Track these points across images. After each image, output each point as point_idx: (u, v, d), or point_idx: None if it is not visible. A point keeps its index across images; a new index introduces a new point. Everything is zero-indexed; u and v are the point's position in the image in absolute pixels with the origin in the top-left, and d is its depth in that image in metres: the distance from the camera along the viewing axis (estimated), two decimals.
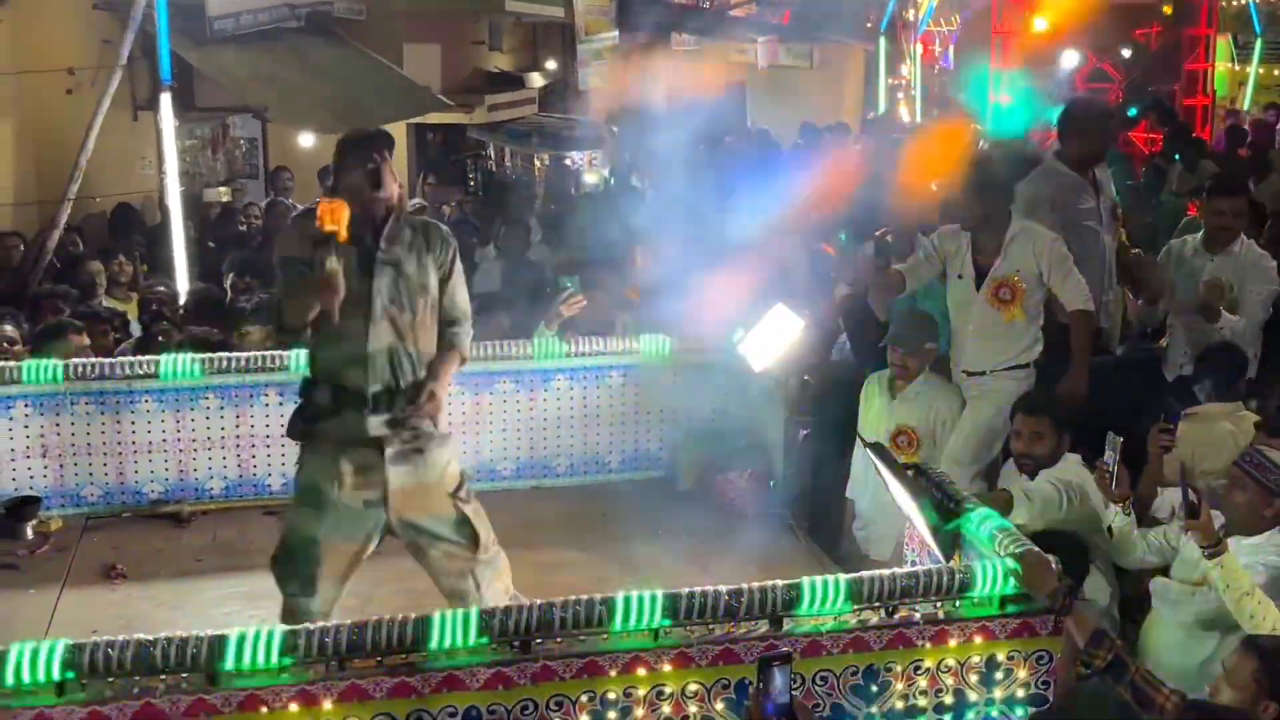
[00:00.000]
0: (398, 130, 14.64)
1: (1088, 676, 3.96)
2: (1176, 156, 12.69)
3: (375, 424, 4.40)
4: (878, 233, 7.11)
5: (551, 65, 18.93)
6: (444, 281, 4.55)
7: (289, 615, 4.46)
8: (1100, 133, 7.10)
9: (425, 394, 4.39)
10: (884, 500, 5.31)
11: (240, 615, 5.02)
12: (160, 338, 6.86)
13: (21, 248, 9.17)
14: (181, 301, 8.32)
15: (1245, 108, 19.32)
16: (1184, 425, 5.63)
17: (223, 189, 12.95)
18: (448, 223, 11.37)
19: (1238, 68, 20.49)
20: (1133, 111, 14.90)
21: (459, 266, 4.61)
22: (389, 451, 4.41)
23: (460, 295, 4.62)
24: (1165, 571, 4.98)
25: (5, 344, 6.40)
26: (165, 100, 9.03)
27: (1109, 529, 5.06)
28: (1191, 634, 4.75)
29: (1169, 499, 5.10)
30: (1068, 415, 5.58)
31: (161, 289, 8.26)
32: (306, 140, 13.21)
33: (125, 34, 9.60)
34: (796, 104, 19.66)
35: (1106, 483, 4.87)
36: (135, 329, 7.70)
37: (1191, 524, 4.51)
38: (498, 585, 4.64)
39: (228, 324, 7.12)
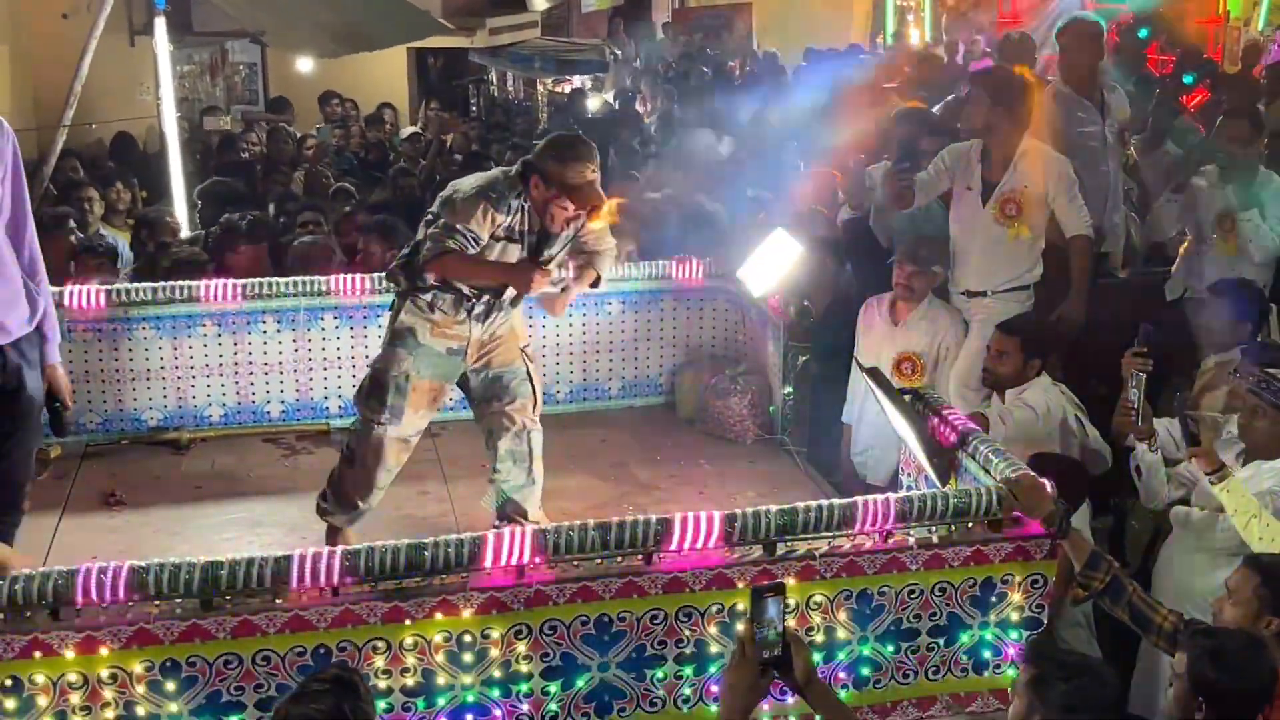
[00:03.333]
0: (397, 55, 14.54)
1: (1085, 599, 3.98)
2: (1188, 79, 12.50)
3: (467, 305, 4.88)
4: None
5: None
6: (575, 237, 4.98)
7: (372, 447, 4.85)
8: (1086, 48, 7.03)
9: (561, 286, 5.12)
10: (881, 425, 5.31)
11: (239, 542, 5.04)
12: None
13: None
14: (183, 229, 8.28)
15: (1260, 28, 19.02)
16: (1216, 371, 5.61)
17: (227, 118, 12.86)
18: (452, 152, 11.33)
19: None
20: (1143, 33, 14.63)
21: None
22: (475, 311, 4.87)
23: (595, 240, 5.04)
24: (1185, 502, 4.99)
25: None
26: (160, 25, 8.94)
27: (1136, 468, 5.03)
28: (1212, 560, 4.75)
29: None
30: (1043, 341, 5.57)
31: (162, 217, 8.16)
32: (305, 65, 13.10)
33: None
34: (804, 25, 19.41)
35: (1131, 420, 4.84)
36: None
37: (1193, 451, 4.53)
38: (540, 464, 5.07)
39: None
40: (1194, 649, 3.46)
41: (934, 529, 3.92)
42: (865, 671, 3.93)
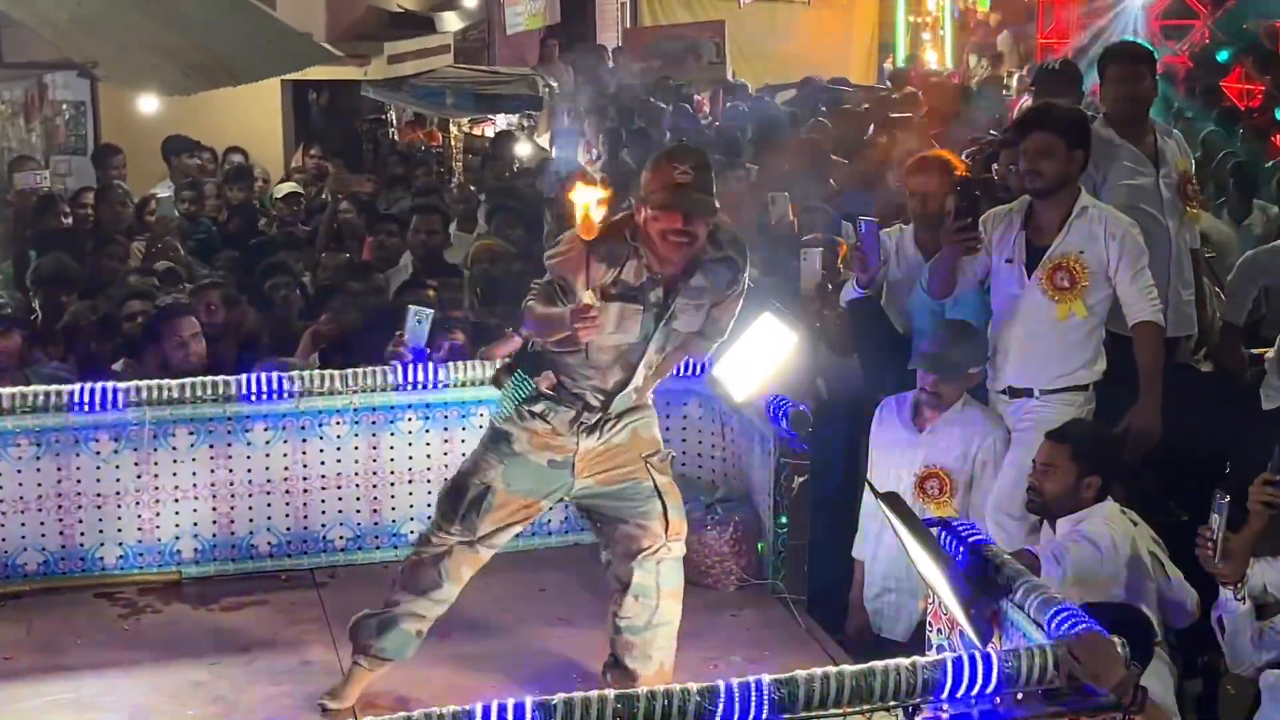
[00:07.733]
0: (270, 89, 14.64)
1: None
2: None
3: (583, 420, 5.10)
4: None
5: (470, 3, 18.97)
6: (712, 308, 5.17)
7: (434, 552, 5.11)
8: (1137, 81, 7.15)
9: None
10: (902, 564, 5.34)
11: None
12: None
13: None
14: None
15: None
16: None
17: (45, 172, 12.88)
18: (342, 220, 11.33)
19: None
20: (1223, 55, 14.99)
21: (735, 293, 5.19)
22: (585, 425, 5.11)
23: (725, 320, 5.25)
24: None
25: None
26: None
27: (1218, 620, 5.07)
28: None
29: (1258, 572, 5.12)
30: (1103, 451, 5.62)
31: None
32: (149, 105, 13.14)
33: None
34: (790, 51, 19.73)
35: (1210, 555, 4.87)
36: None
37: None
38: (671, 602, 5.22)
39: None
40: None
41: (974, 703, 3.94)
42: None
